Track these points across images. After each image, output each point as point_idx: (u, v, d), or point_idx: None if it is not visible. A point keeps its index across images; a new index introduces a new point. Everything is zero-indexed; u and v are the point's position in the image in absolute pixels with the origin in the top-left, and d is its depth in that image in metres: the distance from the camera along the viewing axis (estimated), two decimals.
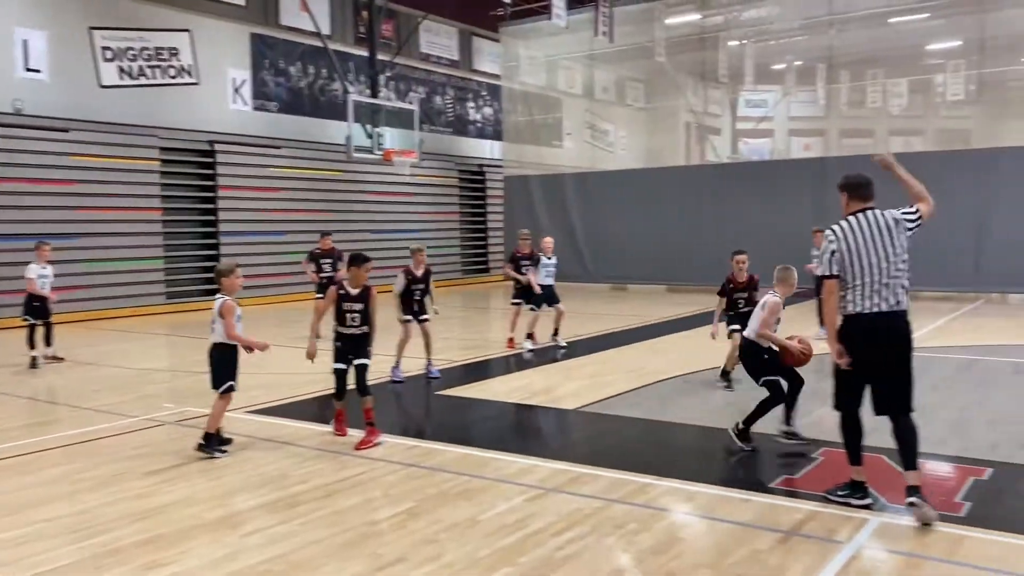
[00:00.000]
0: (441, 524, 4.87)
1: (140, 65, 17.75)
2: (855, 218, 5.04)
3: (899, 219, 5.06)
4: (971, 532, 4.64)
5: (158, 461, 6.31)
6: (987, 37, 18.94)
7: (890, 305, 4.94)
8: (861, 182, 5.18)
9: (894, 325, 4.97)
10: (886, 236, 4.99)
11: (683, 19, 23.95)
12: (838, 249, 5.01)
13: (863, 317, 4.94)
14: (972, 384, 8.79)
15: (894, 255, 4.97)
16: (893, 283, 4.96)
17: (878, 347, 4.94)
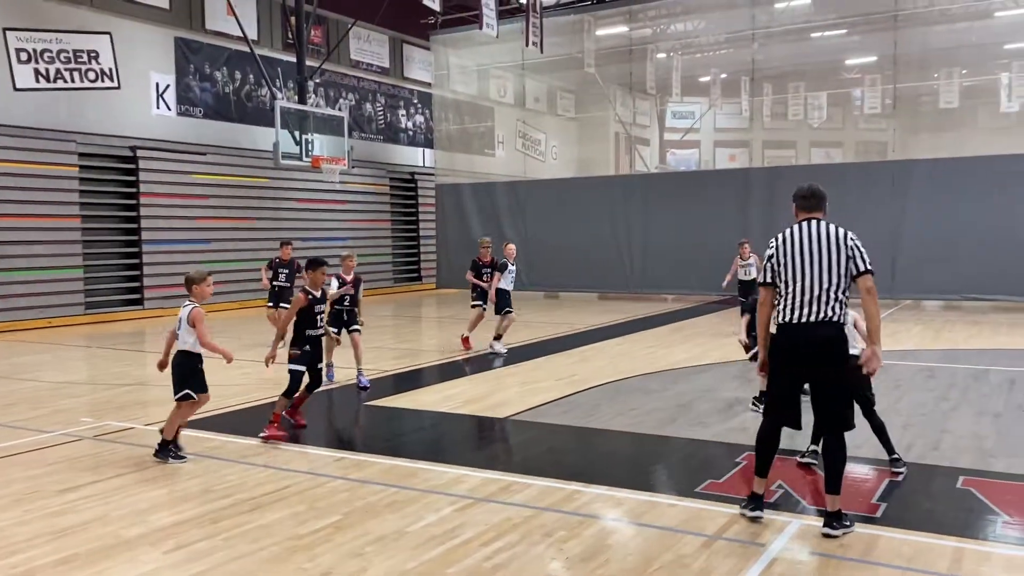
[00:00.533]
0: (368, 537, 4.82)
1: (58, 68, 17.18)
2: (796, 227, 4.99)
3: (846, 238, 4.87)
4: (886, 532, 4.81)
5: (75, 478, 6.10)
6: (900, 53, 19.72)
7: (819, 317, 4.79)
8: (806, 193, 5.13)
9: (820, 338, 4.81)
10: (823, 248, 4.84)
11: (612, 31, 24.33)
12: (774, 256, 4.99)
13: (789, 327, 4.87)
14: (888, 388, 9.08)
15: (828, 268, 4.81)
16: (825, 295, 4.80)
17: (803, 359, 4.86)
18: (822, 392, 4.89)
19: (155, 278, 18.66)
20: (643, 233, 21.38)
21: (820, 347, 4.80)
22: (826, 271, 4.80)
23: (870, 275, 4.84)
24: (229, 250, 20.18)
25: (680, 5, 23.54)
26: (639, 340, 13.68)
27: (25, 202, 16.33)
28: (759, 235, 19.83)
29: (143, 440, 7.24)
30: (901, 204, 18.33)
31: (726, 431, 7.28)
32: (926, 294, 18.45)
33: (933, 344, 12.66)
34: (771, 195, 19.88)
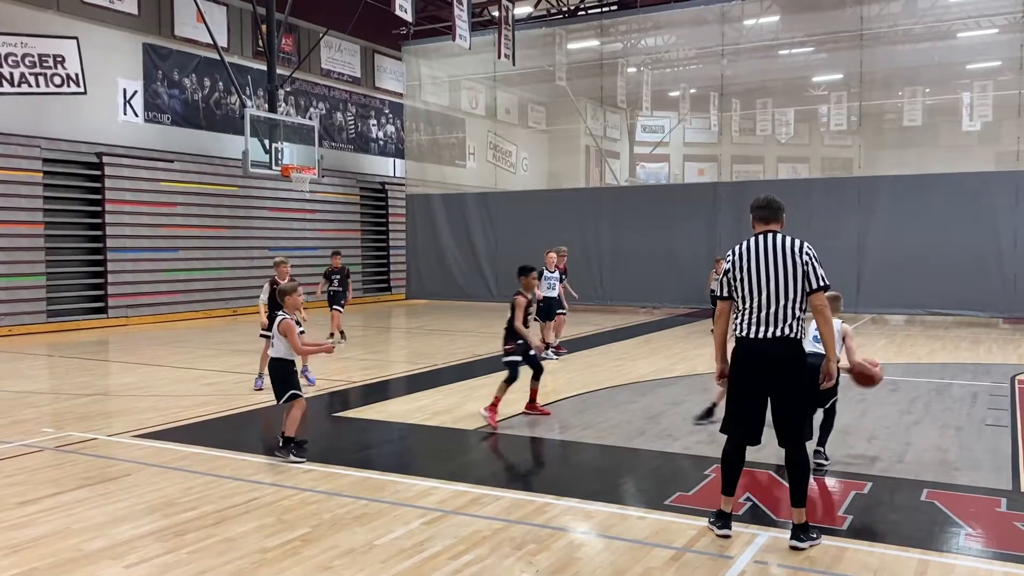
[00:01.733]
0: (337, 550, 4.77)
1: (22, 72, 16.90)
2: (753, 240, 4.95)
3: (802, 251, 4.85)
4: (852, 544, 4.85)
5: (35, 490, 5.97)
6: (866, 72, 20.08)
7: (777, 334, 4.77)
8: (763, 204, 5.07)
9: (779, 356, 4.79)
10: (780, 260, 4.81)
11: (583, 44, 24.49)
12: (731, 270, 4.95)
13: (749, 342, 4.85)
14: (853, 401, 9.19)
15: (785, 283, 4.78)
16: (783, 311, 4.78)
17: (763, 373, 4.83)
18: (781, 407, 4.86)
19: (119, 286, 18.39)
20: (613, 245, 21.49)
21: (779, 364, 4.80)
22: (783, 286, 4.78)
23: (822, 292, 4.84)
24: (197, 259, 19.96)
25: (651, 20, 23.77)
26: (608, 352, 13.71)
27: None
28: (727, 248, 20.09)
29: (106, 451, 7.12)
30: (866, 219, 18.62)
31: (694, 443, 7.32)
32: (889, 308, 18.73)
33: (896, 358, 12.84)
34: (739, 209, 20.09)
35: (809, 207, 19.34)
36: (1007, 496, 5.82)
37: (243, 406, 9.14)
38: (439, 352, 13.54)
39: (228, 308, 20.53)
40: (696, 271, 20.29)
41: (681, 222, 20.48)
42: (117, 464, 6.68)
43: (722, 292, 5.03)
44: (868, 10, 19.79)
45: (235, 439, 7.80)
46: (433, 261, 24.34)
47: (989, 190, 17.68)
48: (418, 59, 25.55)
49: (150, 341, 15.40)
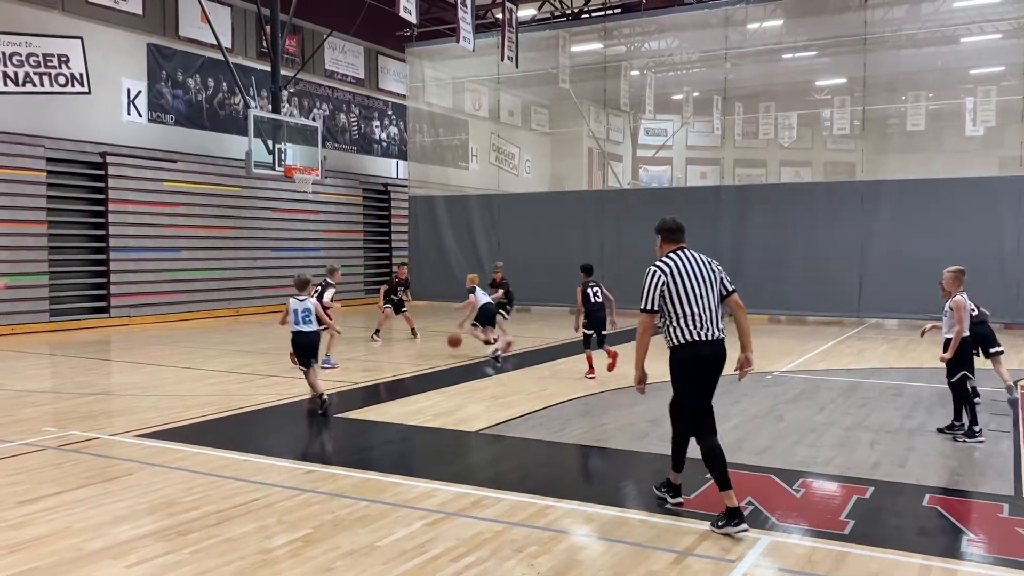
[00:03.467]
0: (338, 551, 4.77)
1: (27, 72, 16.93)
2: (676, 255, 5.42)
3: (713, 263, 5.50)
4: (853, 549, 4.85)
5: (36, 489, 5.97)
6: (869, 76, 20.06)
7: (719, 333, 5.31)
8: (674, 227, 5.57)
9: (722, 350, 5.31)
10: (705, 272, 5.40)
11: (587, 47, 24.50)
12: (667, 283, 5.30)
13: (701, 344, 5.24)
14: (855, 406, 9.20)
15: (712, 290, 5.35)
16: (715, 315, 5.31)
17: (713, 372, 5.31)
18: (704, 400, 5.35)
19: (122, 286, 18.41)
20: (615, 248, 21.47)
21: (721, 362, 5.32)
22: (712, 293, 5.36)
23: (736, 292, 5.47)
24: (199, 259, 19.97)
25: (654, 23, 23.78)
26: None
27: None
28: (729, 251, 20.09)
29: (108, 451, 7.12)
30: (868, 224, 18.62)
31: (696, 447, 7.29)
32: (892, 313, 18.71)
33: (899, 363, 12.82)
34: (741, 213, 20.11)
35: (812, 211, 19.35)
36: (1009, 502, 5.81)
37: (245, 406, 9.15)
38: (441, 354, 13.54)
39: (230, 308, 20.54)
40: None
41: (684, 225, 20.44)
42: (119, 464, 6.69)
43: (652, 306, 5.32)
44: (872, 15, 19.78)
45: (237, 439, 7.80)
46: (436, 263, 24.34)
47: (992, 195, 17.67)
48: (422, 61, 25.58)
49: (152, 341, 15.41)
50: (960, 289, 7.63)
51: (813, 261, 19.07)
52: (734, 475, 6.38)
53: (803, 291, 19.14)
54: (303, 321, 8.74)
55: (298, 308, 8.76)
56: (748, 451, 7.15)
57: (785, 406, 9.21)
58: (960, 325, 7.48)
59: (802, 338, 16.27)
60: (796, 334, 17.11)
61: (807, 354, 13.75)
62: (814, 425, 8.23)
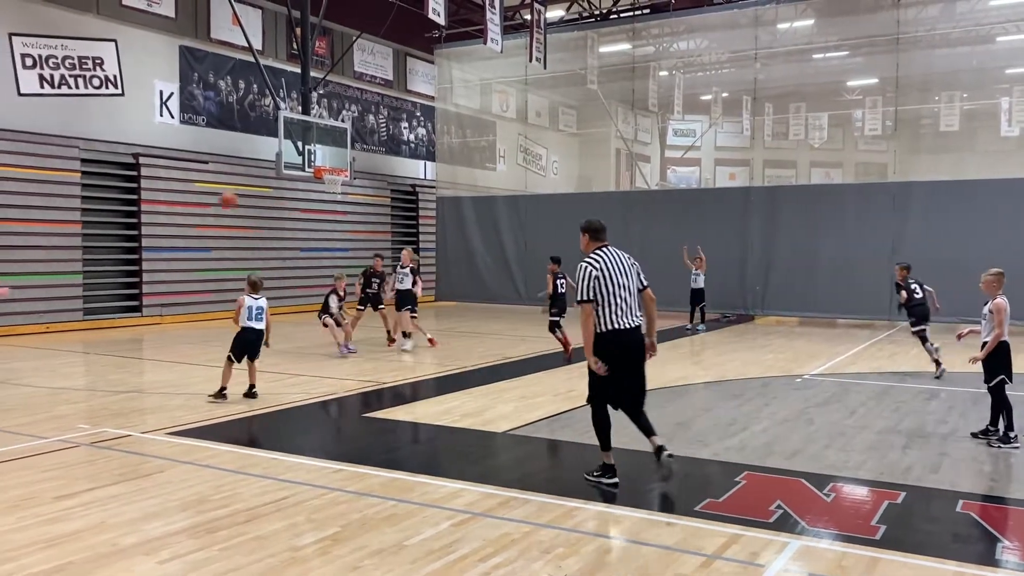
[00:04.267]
0: (366, 550, 4.80)
1: (62, 74, 17.22)
2: (603, 252, 6.11)
3: (631, 258, 6.19)
4: (885, 555, 4.79)
5: (71, 485, 6.07)
6: (902, 76, 19.82)
7: (636, 321, 6.04)
8: (599, 227, 6.30)
9: (639, 338, 6.07)
10: (626, 267, 6.10)
11: (615, 48, 24.43)
12: (599, 276, 5.95)
13: (620, 332, 5.95)
14: (887, 410, 9.09)
15: (631, 283, 6.07)
16: (634, 305, 6.06)
17: (631, 352, 6.04)
18: (637, 381, 6.12)
19: (154, 285, 18.65)
20: (642, 249, 21.28)
21: (640, 347, 6.09)
22: (632, 286, 6.07)
23: (648, 288, 6.23)
24: (230, 259, 20.17)
25: (683, 24, 23.67)
26: None
27: (26, 207, 16.33)
28: (758, 253, 19.96)
29: (140, 448, 7.22)
30: (900, 226, 18.39)
31: (724, 450, 7.27)
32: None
33: (931, 367, 12.63)
34: (771, 214, 19.95)
35: (842, 213, 19.15)
36: None
37: (274, 405, 9.23)
38: (468, 354, 13.57)
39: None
40: (728, 276, 20.15)
41: (712, 226, 20.35)
42: (150, 461, 6.78)
43: (589, 296, 5.97)
44: (905, 14, 19.54)
45: (266, 437, 7.88)
46: (463, 263, 24.41)
47: None
48: (450, 62, 25.66)
49: (183, 340, 15.59)
50: (1000, 292, 7.55)
51: (844, 263, 18.87)
52: (763, 479, 6.35)
53: (833, 293, 18.95)
54: (255, 318, 9.37)
55: (252, 305, 9.37)
56: (778, 455, 7.09)
57: (815, 409, 9.12)
58: (1000, 328, 7.39)
59: (832, 341, 16.10)
60: (826, 336, 16.94)
61: (837, 357, 13.60)
62: (844, 429, 8.15)
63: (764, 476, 6.43)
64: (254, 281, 9.58)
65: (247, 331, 9.38)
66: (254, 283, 9.57)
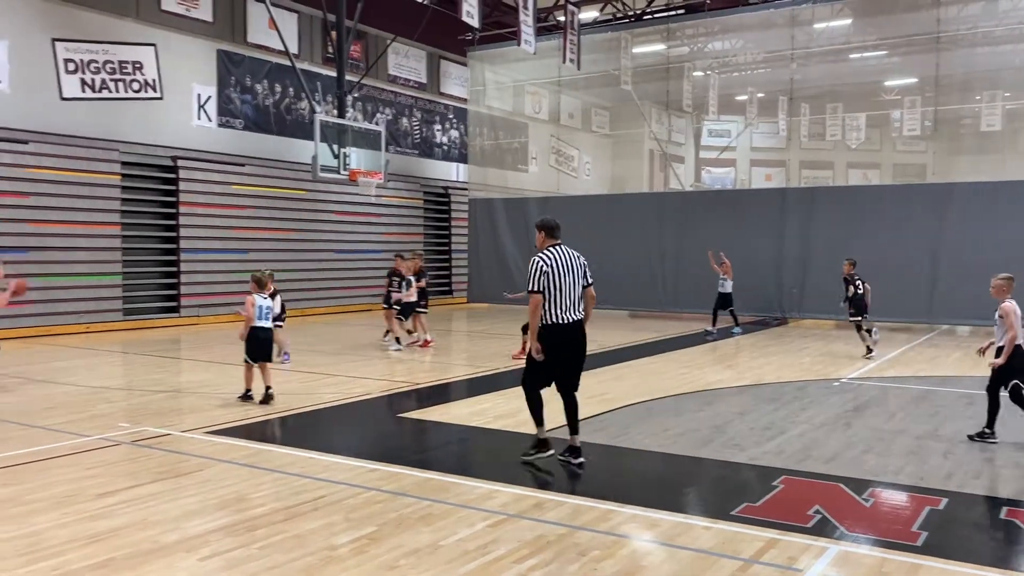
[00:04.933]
0: (402, 549, 4.82)
1: (103, 78, 17.54)
2: (554, 249, 6.62)
3: (580, 257, 6.70)
4: (926, 561, 4.71)
5: (112, 482, 6.17)
6: (942, 75, 19.50)
7: (577, 316, 6.57)
8: (554, 225, 6.77)
9: (580, 330, 6.62)
10: (574, 265, 6.61)
11: (649, 49, 24.32)
12: (548, 272, 6.48)
13: (562, 325, 6.50)
14: (927, 414, 8.94)
15: (577, 280, 6.58)
16: (578, 300, 6.58)
17: (569, 346, 6.56)
18: (576, 369, 6.69)
19: (192, 286, 18.91)
20: (676, 251, 21.28)
21: (580, 337, 6.65)
22: (577, 283, 6.60)
23: (592, 286, 6.75)
24: (266, 260, 20.36)
25: (718, 24, 23.50)
26: (671, 360, 13.59)
27: (68, 209, 16.66)
28: (795, 254, 19.73)
29: (179, 447, 7.32)
30: (940, 227, 18.08)
31: (762, 454, 7.20)
32: (965, 319, 18.11)
33: (972, 371, 12.41)
34: (808, 215, 19.72)
35: (880, 214, 18.87)
36: None
37: (310, 405, 9.31)
38: (500, 356, 13.58)
39: (295, 309, 20.91)
40: (764, 278, 19.96)
41: (747, 228, 20.17)
42: (190, 459, 6.87)
43: (538, 288, 6.50)
44: (945, 12, 19.22)
45: (303, 437, 7.96)
46: (494, 265, 24.43)
47: None
48: (483, 64, 25.71)
49: (220, 340, 15.78)
50: (1008, 296, 7.66)
51: (881, 265, 18.53)
52: (800, 483, 6.29)
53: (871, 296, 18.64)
54: (264, 317, 9.30)
55: (262, 305, 9.27)
56: (816, 459, 7.01)
57: (853, 414, 9.00)
58: (1012, 331, 7.44)
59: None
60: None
61: (875, 361, 13.41)
62: (883, 433, 8.03)
63: (802, 481, 6.36)
64: (260, 279, 9.45)
65: (258, 330, 9.26)
66: (261, 281, 9.45)
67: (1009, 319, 7.47)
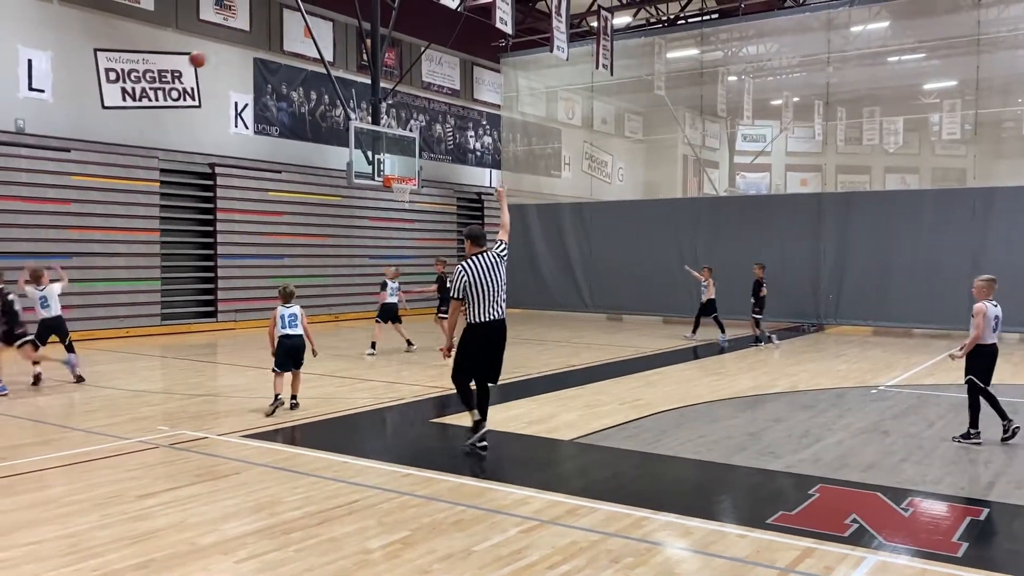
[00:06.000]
0: (435, 554, 4.85)
1: (143, 87, 17.86)
2: (477, 257, 7.28)
3: (500, 255, 7.37)
4: (968, 573, 4.63)
5: (152, 484, 6.27)
6: (982, 78, 19.17)
7: (500, 315, 7.28)
8: (479, 235, 7.46)
9: (502, 328, 7.33)
10: (495, 269, 7.28)
11: (683, 53, 24.24)
12: (470, 281, 7.16)
13: (485, 324, 7.22)
14: (967, 423, 8.78)
15: (499, 282, 7.28)
16: (500, 300, 7.28)
17: (492, 343, 7.30)
18: (496, 363, 7.43)
19: (229, 291, 19.16)
20: (710, 257, 21.10)
21: (502, 335, 7.38)
22: (500, 285, 7.30)
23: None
24: (301, 266, 20.61)
25: (752, 28, 23.34)
26: (705, 366, 13.49)
27: (108, 215, 16.97)
28: (832, 260, 19.51)
29: (216, 450, 7.42)
30: (981, 233, 17.75)
31: (797, 462, 7.12)
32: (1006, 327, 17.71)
33: (1013, 379, 12.17)
34: (844, 220, 19.48)
35: (919, 219, 18.59)
36: None
37: (344, 409, 9.39)
38: (533, 362, 13.59)
39: (331, 314, 21.12)
40: (800, 284, 19.76)
41: (783, 233, 19.99)
42: (226, 463, 6.96)
43: (459, 295, 7.24)
44: (986, 14, 18.91)
45: (337, 441, 8.02)
46: (527, 271, 24.44)
47: None
48: (516, 71, 25.79)
49: (257, 345, 15.95)
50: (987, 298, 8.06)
51: (920, 271, 18.30)
52: (837, 492, 6.22)
53: (910, 302, 18.39)
54: (289, 325, 9.31)
55: (284, 314, 9.29)
56: (853, 467, 6.92)
57: (891, 422, 8.87)
58: (976, 330, 7.86)
59: (908, 351, 15.64)
60: (902, 347, 16.46)
61: (914, 368, 13.21)
62: (922, 442, 7.91)
63: (839, 489, 6.29)
64: (286, 291, 9.52)
65: (284, 338, 9.26)
66: (286, 293, 9.50)
67: (977, 319, 7.90)
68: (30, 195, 15.82)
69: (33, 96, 16.13)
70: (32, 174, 15.85)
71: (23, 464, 6.91)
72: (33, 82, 16.12)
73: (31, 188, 15.83)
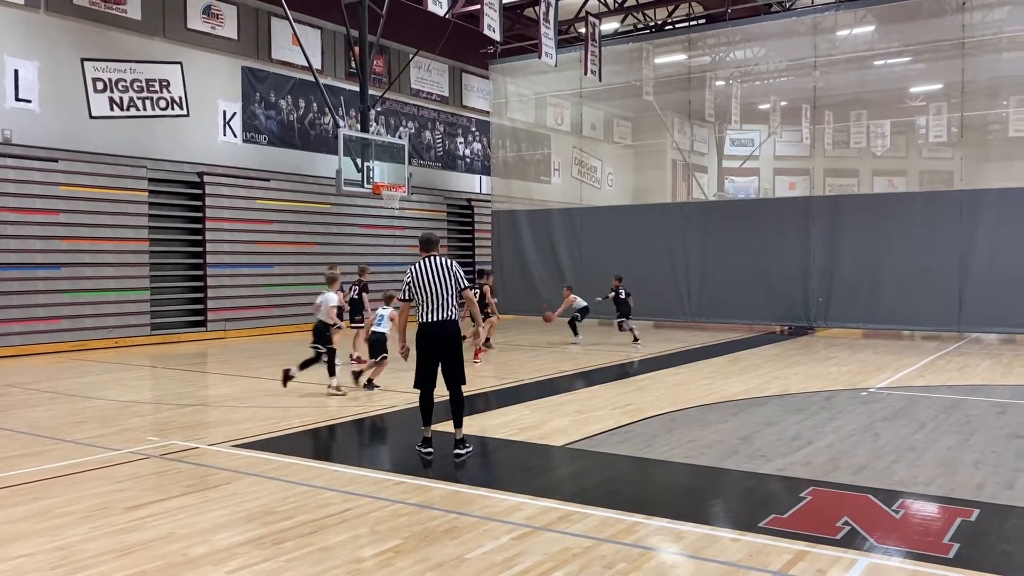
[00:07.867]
0: (428, 563, 4.83)
1: (131, 96, 17.81)
2: (423, 261, 7.51)
3: (453, 267, 7.48)
4: (959, 574, 4.64)
5: (142, 495, 6.24)
6: (968, 81, 19.29)
7: (446, 316, 7.36)
8: (429, 240, 7.77)
9: (448, 329, 7.40)
10: (442, 273, 7.41)
11: (670, 59, 24.31)
12: (412, 281, 7.41)
13: (431, 323, 7.35)
14: (958, 424, 8.82)
15: (446, 285, 7.39)
16: (447, 303, 7.37)
17: (440, 343, 7.37)
18: (451, 364, 7.46)
19: (218, 301, 19.10)
20: (700, 261, 21.20)
21: (451, 337, 7.43)
22: (446, 287, 7.39)
23: (468, 289, 7.65)
24: (292, 274, 20.57)
25: (740, 33, 23.43)
26: (696, 370, 13.51)
27: (97, 225, 16.90)
28: (821, 263, 19.58)
29: (207, 460, 7.38)
30: (969, 235, 17.86)
31: (789, 465, 7.14)
32: (995, 327, 17.89)
33: (1003, 379, 12.25)
34: (833, 223, 19.57)
35: (907, 222, 18.69)
36: None
37: (337, 418, 9.36)
38: (524, 367, 13.58)
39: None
40: (789, 287, 19.83)
41: (772, 237, 20.07)
42: (217, 473, 6.93)
43: (406, 296, 7.49)
44: (971, 17, 19.04)
45: (328, 450, 7.99)
46: (518, 277, 24.45)
47: None
48: (504, 77, 25.82)
49: (247, 354, 15.92)
50: None
51: (909, 274, 18.39)
52: (829, 494, 6.23)
53: (899, 305, 18.48)
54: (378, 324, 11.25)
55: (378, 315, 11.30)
56: (844, 470, 6.93)
57: (882, 424, 8.90)
58: None
59: (898, 353, 15.71)
60: (892, 349, 16.53)
61: (904, 370, 13.26)
62: (913, 444, 7.93)
63: (830, 492, 6.30)
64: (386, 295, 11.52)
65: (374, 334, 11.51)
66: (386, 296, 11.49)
67: None
68: (18, 206, 15.74)
69: (20, 106, 16.06)
70: (20, 184, 15.78)
71: (12, 476, 6.86)
72: (20, 92, 16.05)
73: (19, 199, 15.76)
